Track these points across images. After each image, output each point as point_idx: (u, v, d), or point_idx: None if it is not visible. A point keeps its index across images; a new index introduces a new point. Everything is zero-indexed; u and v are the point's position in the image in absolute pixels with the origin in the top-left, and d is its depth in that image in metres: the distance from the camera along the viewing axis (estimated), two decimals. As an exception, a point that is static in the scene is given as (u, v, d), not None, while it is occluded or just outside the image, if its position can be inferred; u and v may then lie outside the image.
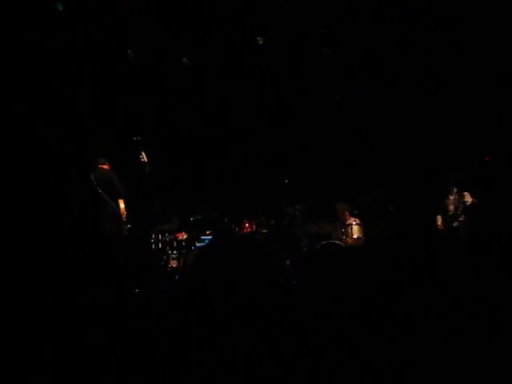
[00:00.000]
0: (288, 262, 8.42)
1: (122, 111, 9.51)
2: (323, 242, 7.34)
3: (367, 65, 9.82)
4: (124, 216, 7.26)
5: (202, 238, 8.75)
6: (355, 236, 8.57)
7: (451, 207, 8.64)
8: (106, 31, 8.80)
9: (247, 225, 8.74)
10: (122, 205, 7.37)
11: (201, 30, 9.20)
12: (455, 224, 8.51)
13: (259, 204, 9.19)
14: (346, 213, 8.90)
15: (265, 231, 8.64)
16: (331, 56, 9.82)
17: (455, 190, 8.66)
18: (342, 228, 8.77)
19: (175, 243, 8.66)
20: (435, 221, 8.85)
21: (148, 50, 9.58)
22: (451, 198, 8.68)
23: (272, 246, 8.71)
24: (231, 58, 9.85)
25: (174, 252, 8.40)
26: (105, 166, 7.75)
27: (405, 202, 9.41)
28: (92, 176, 7.58)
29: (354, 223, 8.72)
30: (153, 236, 8.45)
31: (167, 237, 8.61)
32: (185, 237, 8.66)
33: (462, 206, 8.49)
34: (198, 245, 8.46)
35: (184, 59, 9.75)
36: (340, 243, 8.26)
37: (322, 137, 10.39)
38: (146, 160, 7.22)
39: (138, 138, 7.45)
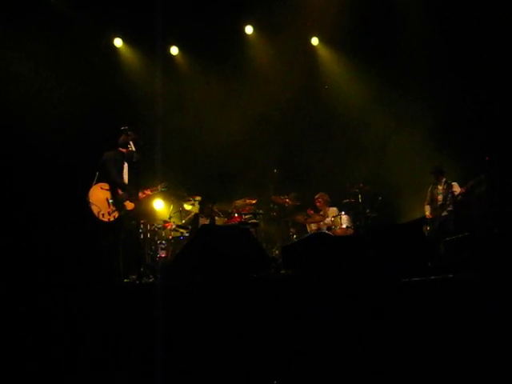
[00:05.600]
0: (277, 252, 8.45)
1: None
2: (312, 232, 7.34)
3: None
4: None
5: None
6: (344, 226, 8.61)
7: (440, 197, 8.66)
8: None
9: (236, 215, 8.70)
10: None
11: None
12: (444, 214, 8.55)
13: (248, 194, 9.16)
14: (325, 202, 9.00)
15: (254, 221, 8.61)
16: None
17: (444, 180, 8.69)
18: (331, 218, 8.80)
19: (164, 233, 8.61)
20: (424, 211, 8.90)
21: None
22: (440, 187, 8.71)
23: (261, 235, 8.72)
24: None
25: (163, 242, 8.35)
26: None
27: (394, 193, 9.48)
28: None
29: (343, 213, 8.76)
30: (141, 226, 8.38)
31: (156, 226, 8.56)
32: (173, 226, 8.61)
33: (450, 196, 8.53)
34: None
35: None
36: (329, 233, 8.28)
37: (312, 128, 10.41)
38: (133, 149, 7.09)
39: (126, 127, 7.32)
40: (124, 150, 7.12)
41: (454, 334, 3.94)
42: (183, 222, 8.83)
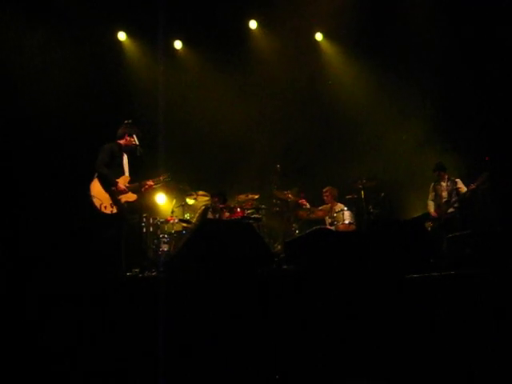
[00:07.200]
0: (280, 247, 8.44)
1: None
2: (314, 227, 7.34)
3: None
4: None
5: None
6: (347, 221, 8.58)
7: (444, 194, 8.63)
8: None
9: (238, 210, 8.70)
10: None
11: None
12: (450, 211, 8.49)
13: (251, 189, 9.16)
14: (332, 197, 9.00)
15: (256, 216, 8.61)
16: None
17: (446, 176, 8.66)
18: (334, 213, 8.78)
19: (166, 227, 8.62)
20: (426, 207, 8.87)
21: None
22: (444, 184, 8.67)
23: (264, 230, 8.71)
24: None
25: (165, 236, 8.35)
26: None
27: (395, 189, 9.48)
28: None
29: (346, 209, 8.74)
30: (144, 219, 8.38)
31: (158, 220, 8.57)
32: (176, 221, 8.61)
33: (455, 192, 8.48)
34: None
35: None
36: (331, 228, 8.28)
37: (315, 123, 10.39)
38: (137, 143, 7.07)
39: (129, 120, 7.30)
40: (121, 142, 7.10)
41: (457, 331, 3.94)
42: (192, 215, 8.85)
